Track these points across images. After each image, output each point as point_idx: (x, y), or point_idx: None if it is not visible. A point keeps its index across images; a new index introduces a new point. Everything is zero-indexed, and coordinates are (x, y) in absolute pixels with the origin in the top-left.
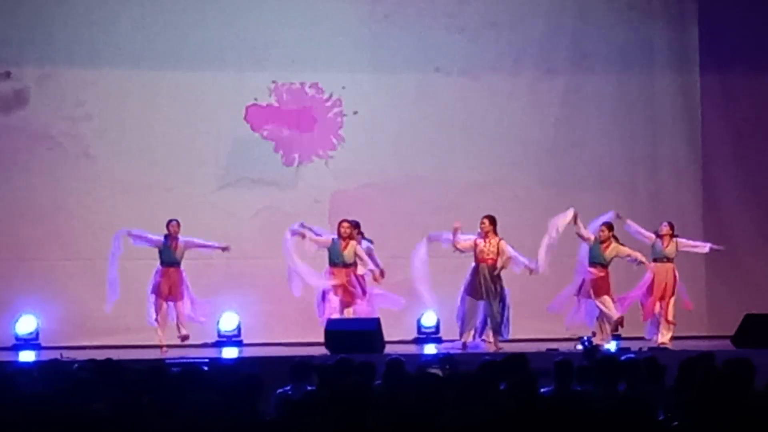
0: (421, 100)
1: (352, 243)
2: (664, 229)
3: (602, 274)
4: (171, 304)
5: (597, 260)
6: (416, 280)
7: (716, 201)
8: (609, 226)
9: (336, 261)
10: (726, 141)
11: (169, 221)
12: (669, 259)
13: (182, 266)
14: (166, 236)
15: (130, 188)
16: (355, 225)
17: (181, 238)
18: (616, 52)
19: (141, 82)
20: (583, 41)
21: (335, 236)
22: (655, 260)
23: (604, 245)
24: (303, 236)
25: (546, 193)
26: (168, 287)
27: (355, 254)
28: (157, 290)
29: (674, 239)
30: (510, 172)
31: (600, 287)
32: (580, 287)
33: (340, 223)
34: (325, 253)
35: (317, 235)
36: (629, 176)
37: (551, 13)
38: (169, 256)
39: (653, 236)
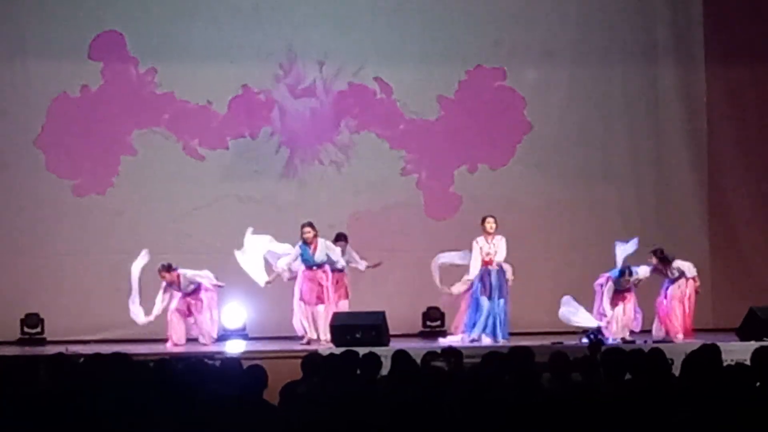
0: None
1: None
2: (653, 260)
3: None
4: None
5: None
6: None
7: (721, 195)
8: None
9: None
10: (731, 135)
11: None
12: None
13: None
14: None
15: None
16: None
17: (181, 275)
18: (620, 46)
19: None
20: (587, 35)
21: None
22: None
23: None
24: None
25: (549, 187)
26: (186, 308)
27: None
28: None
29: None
30: (513, 164)
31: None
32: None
33: (302, 227)
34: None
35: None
36: (633, 172)
37: (555, 5)
38: (177, 289)
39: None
